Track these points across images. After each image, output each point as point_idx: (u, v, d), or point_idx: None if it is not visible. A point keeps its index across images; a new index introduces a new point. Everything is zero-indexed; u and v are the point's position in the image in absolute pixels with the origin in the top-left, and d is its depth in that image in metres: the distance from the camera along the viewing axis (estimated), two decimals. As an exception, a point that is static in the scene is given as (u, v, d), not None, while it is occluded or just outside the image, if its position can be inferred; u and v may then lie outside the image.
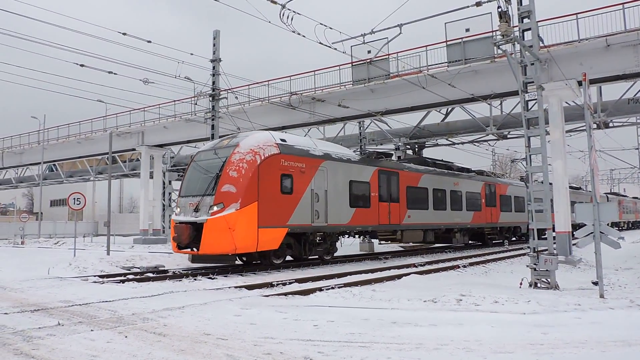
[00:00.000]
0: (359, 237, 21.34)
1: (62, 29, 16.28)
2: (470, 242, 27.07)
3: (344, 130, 30.16)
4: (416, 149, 30.32)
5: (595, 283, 10.47)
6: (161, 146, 34.32)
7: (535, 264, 10.93)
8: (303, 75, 25.06)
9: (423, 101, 22.32)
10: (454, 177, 24.78)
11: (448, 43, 20.84)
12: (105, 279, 13.00)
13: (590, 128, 10.51)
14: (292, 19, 14.01)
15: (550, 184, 12.01)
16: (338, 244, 18.58)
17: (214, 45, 21.59)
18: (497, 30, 11.83)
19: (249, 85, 25.70)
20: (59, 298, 9.75)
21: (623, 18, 17.59)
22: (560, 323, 7.17)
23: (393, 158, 24.64)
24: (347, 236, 19.22)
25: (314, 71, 24.71)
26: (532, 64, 11.65)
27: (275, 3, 13.23)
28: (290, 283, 12.28)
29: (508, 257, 20.48)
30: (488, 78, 20.76)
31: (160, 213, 36.95)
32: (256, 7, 14.59)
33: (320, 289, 10.98)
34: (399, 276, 13.46)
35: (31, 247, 32.10)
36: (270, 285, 11.96)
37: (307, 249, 16.65)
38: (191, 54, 19.03)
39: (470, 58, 20.30)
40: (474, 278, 13.64)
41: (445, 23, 20.52)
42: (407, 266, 16.58)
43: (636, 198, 68.02)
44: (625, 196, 63.76)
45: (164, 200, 37.90)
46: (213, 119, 21.90)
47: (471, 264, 17.29)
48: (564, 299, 9.05)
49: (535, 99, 11.68)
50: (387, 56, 21.99)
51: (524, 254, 20.83)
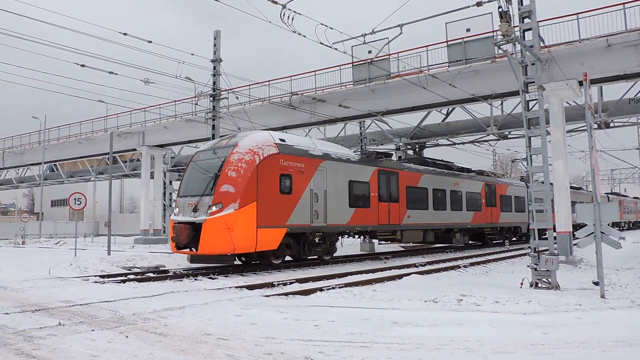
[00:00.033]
0: (359, 237, 21.34)
1: (63, 29, 16.31)
2: (470, 242, 27.06)
3: (345, 130, 30.22)
4: (417, 149, 30.28)
5: (596, 283, 10.47)
6: (162, 146, 34.34)
7: (536, 264, 10.92)
8: (304, 75, 25.07)
9: (424, 101, 22.31)
10: (454, 177, 24.76)
11: (449, 43, 20.84)
12: (106, 279, 13.00)
13: (591, 128, 10.51)
14: (293, 19, 14.03)
15: (551, 184, 12.00)
16: (338, 244, 18.56)
17: (215, 45, 21.59)
18: (498, 30, 11.85)
19: (250, 85, 25.71)
20: (60, 298, 9.76)
21: (624, 18, 17.60)
22: (561, 323, 7.18)
23: (393, 158, 24.63)
24: (347, 236, 19.20)
25: (315, 71, 24.70)
26: (533, 64, 11.65)
27: (275, 3, 13.23)
28: (291, 283, 12.27)
29: (509, 257, 20.46)
30: (489, 78, 20.76)
31: (161, 213, 36.98)
32: (257, 7, 14.60)
33: (321, 289, 10.97)
34: (400, 276, 13.46)
35: (32, 247, 32.11)
36: (271, 285, 11.95)
37: (307, 249, 16.60)
38: (192, 54, 19.06)
39: (471, 58, 20.30)
40: (475, 278, 13.62)
41: (446, 23, 20.54)
42: (408, 266, 16.56)
43: (637, 198, 67.94)
44: (626, 196, 63.68)
45: (165, 200, 37.92)
46: (214, 119, 21.90)
47: (472, 264, 17.28)
48: (565, 299, 9.05)
49: (536, 99, 11.68)
50: (388, 56, 21.99)
51: (525, 254, 20.82)
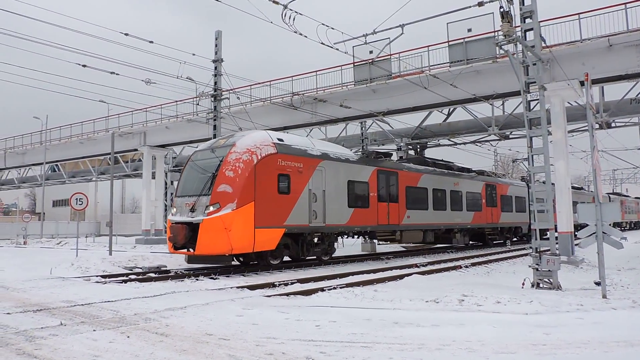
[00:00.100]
0: (358, 238, 21.34)
1: (64, 29, 16.32)
2: (471, 243, 27.03)
3: (346, 130, 30.21)
4: (418, 149, 30.27)
5: (597, 283, 10.45)
6: (163, 146, 34.36)
7: (537, 264, 10.92)
8: (305, 75, 25.06)
9: (425, 101, 22.29)
10: (454, 177, 24.73)
11: (450, 43, 20.81)
12: (107, 279, 13.02)
13: (592, 128, 10.50)
14: (294, 19, 14.00)
15: (552, 184, 11.98)
16: (340, 245, 18.52)
17: (216, 45, 21.59)
18: (499, 30, 11.83)
19: (251, 85, 25.71)
20: (62, 298, 9.77)
21: (625, 18, 17.56)
22: (562, 323, 7.17)
23: (393, 158, 24.60)
24: (346, 236, 19.14)
25: (316, 71, 24.69)
26: (534, 64, 11.64)
27: (277, 3, 13.22)
28: (292, 283, 12.27)
29: (510, 258, 20.45)
30: (490, 78, 20.73)
31: (162, 213, 36.97)
32: (258, 8, 14.59)
33: (322, 289, 10.97)
34: (401, 276, 13.45)
35: (33, 247, 32.16)
36: (272, 285, 11.96)
37: (305, 250, 16.53)
38: (193, 55, 19.04)
39: (472, 58, 20.28)
40: (476, 278, 13.62)
41: (447, 23, 20.52)
42: (409, 266, 16.56)
43: (638, 198, 67.85)
44: (627, 196, 63.62)
45: (166, 200, 37.96)
46: (215, 119, 21.91)
47: (473, 264, 17.27)
48: (567, 300, 9.04)
49: (537, 99, 11.66)
50: (389, 56, 21.98)
51: (526, 254, 20.80)
